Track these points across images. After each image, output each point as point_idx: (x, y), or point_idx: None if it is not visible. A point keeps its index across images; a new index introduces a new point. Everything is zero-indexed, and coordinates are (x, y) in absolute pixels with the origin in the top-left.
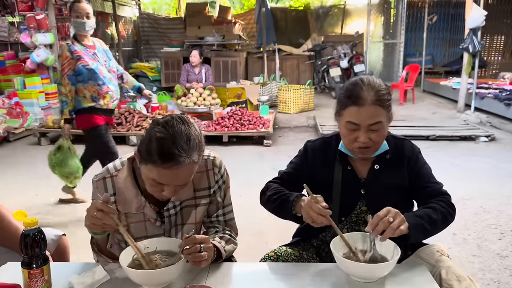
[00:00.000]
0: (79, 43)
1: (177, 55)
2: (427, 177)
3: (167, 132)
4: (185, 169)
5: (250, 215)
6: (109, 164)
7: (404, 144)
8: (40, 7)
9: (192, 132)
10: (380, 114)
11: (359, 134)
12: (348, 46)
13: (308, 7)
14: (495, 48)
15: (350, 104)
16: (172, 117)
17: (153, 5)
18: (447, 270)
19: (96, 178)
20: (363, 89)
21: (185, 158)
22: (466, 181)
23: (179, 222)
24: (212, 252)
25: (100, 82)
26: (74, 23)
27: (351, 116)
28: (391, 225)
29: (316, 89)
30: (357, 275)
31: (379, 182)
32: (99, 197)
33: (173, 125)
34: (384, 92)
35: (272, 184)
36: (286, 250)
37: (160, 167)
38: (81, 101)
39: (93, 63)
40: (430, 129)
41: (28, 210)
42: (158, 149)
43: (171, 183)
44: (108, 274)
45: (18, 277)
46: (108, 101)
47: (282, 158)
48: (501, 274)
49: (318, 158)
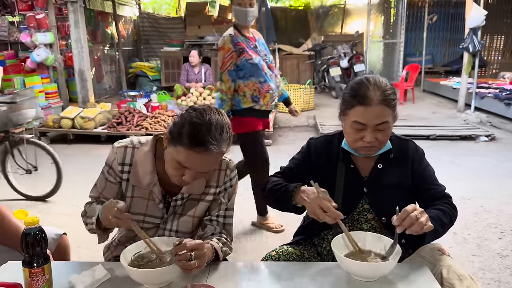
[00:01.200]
0: (241, 34)
1: (177, 55)
2: (430, 179)
3: (204, 119)
4: (212, 157)
5: (250, 214)
6: (134, 137)
7: (408, 145)
8: (40, 6)
9: (226, 124)
10: (387, 114)
11: (365, 134)
12: (348, 46)
13: (308, 7)
14: (495, 47)
15: (356, 104)
16: (209, 107)
17: (153, 5)
18: (448, 269)
19: (118, 144)
20: (369, 89)
21: (215, 146)
22: (467, 181)
23: (180, 211)
24: (205, 258)
25: (261, 79)
26: (235, 12)
27: (358, 116)
28: (419, 221)
29: (316, 88)
30: (358, 274)
31: (382, 181)
32: (114, 163)
33: (210, 113)
34: (390, 91)
35: (273, 177)
36: (287, 250)
37: (190, 150)
38: (240, 100)
39: (255, 57)
40: (430, 128)
41: (28, 209)
42: (193, 133)
43: (195, 168)
44: (108, 273)
45: (19, 276)
46: (268, 101)
47: (282, 157)
48: (501, 274)
49: (321, 156)
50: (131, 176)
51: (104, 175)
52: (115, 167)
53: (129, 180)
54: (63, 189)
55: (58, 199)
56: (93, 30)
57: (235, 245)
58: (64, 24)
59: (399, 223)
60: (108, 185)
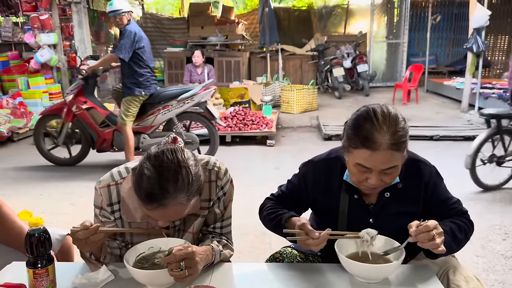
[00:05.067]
0: None
1: (180, 55)
2: (446, 200)
3: (153, 171)
4: (171, 209)
5: (253, 215)
6: (113, 169)
7: (420, 168)
8: (44, 7)
9: (183, 171)
10: (396, 158)
11: (369, 176)
12: (351, 46)
13: (311, 7)
14: (499, 48)
15: (361, 147)
16: (162, 152)
17: (156, 5)
18: (455, 270)
19: (99, 185)
20: (377, 130)
21: (170, 200)
22: (470, 181)
23: (182, 228)
24: (198, 266)
25: None
26: None
27: (362, 159)
28: (435, 242)
29: (319, 89)
30: (362, 275)
31: (389, 209)
32: (103, 204)
33: (162, 162)
34: (401, 133)
35: (268, 201)
36: (291, 252)
37: (146, 207)
38: None
39: None
40: (433, 129)
41: (32, 210)
42: (144, 188)
43: (160, 219)
44: (112, 274)
45: (23, 277)
46: None
47: (285, 158)
48: (505, 275)
49: (320, 183)
50: (122, 214)
51: (98, 218)
52: (105, 208)
53: (122, 218)
54: (71, 189)
55: (64, 199)
56: (97, 30)
57: (238, 247)
58: (68, 25)
59: (416, 234)
60: (106, 226)
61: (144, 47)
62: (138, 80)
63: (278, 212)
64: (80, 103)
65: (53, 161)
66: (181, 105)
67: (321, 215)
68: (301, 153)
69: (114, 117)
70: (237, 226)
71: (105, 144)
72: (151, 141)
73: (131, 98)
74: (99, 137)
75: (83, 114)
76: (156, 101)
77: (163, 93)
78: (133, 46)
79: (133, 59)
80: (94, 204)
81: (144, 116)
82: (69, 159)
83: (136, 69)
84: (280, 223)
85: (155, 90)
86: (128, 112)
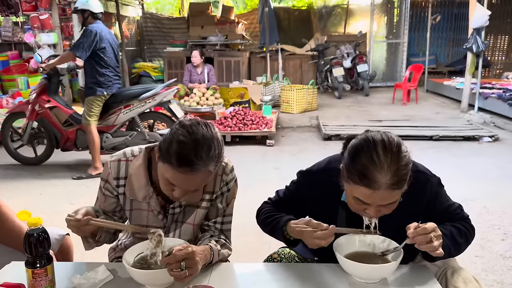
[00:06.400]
0: None
1: (180, 55)
2: (448, 208)
3: (189, 138)
4: (199, 176)
5: (252, 214)
6: (127, 148)
7: (422, 182)
8: (44, 7)
9: (215, 141)
10: (396, 195)
11: (368, 207)
12: (351, 46)
13: (311, 7)
14: (499, 48)
15: (360, 184)
16: (198, 123)
17: (156, 5)
18: (453, 271)
19: (111, 158)
20: (377, 170)
21: (201, 166)
22: (470, 182)
23: (180, 219)
24: (197, 265)
25: None
26: None
27: (361, 195)
28: (432, 244)
29: (319, 89)
30: (360, 275)
31: (388, 223)
32: (109, 178)
33: (197, 131)
34: (404, 170)
35: (265, 205)
36: (289, 252)
37: (176, 169)
38: None
39: None
40: (433, 129)
41: (32, 210)
42: (177, 152)
43: (183, 186)
44: (111, 274)
45: (22, 277)
46: None
47: (285, 158)
48: (504, 275)
49: (318, 193)
50: (126, 190)
51: (101, 190)
52: (110, 181)
53: (126, 193)
54: (71, 189)
55: (62, 199)
56: None
57: (236, 246)
58: (68, 25)
59: (413, 236)
60: (107, 199)
61: (106, 48)
62: (99, 80)
63: (276, 215)
64: (43, 102)
65: (20, 160)
66: (143, 105)
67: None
68: (301, 153)
69: (78, 116)
70: (236, 226)
71: (69, 143)
72: (114, 140)
73: (93, 98)
74: (62, 136)
75: (46, 113)
76: (117, 100)
77: (124, 92)
78: (92, 46)
79: (94, 58)
80: (101, 176)
81: (106, 116)
82: (34, 158)
83: (98, 69)
84: (278, 225)
85: (117, 89)
86: (91, 112)
